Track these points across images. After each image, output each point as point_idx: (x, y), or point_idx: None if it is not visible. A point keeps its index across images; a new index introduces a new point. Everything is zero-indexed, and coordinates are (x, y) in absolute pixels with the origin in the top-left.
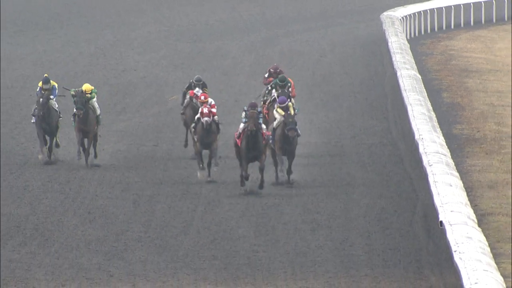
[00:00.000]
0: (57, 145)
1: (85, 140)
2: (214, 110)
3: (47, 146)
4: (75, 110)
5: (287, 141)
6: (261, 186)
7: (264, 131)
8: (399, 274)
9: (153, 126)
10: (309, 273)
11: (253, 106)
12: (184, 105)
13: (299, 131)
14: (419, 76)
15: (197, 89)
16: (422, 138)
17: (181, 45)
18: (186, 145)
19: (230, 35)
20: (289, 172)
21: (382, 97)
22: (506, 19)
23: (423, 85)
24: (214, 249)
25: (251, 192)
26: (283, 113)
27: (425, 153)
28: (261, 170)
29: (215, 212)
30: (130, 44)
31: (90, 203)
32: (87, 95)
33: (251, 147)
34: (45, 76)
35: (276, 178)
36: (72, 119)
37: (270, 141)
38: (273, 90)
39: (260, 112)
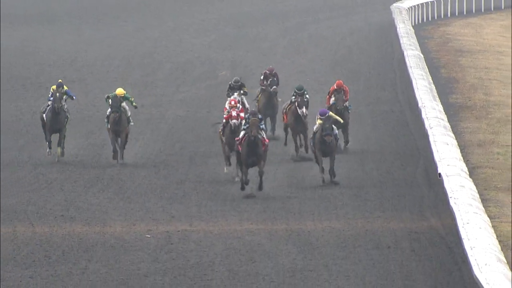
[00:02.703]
0: (62, 146)
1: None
2: (242, 114)
3: (57, 144)
4: (108, 112)
5: (325, 144)
6: (260, 188)
7: (264, 138)
8: (405, 216)
9: (206, 96)
10: (332, 215)
11: (254, 114)
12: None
13: (337, 136)
14: (422, 55)
15: (235, 94)
16: (424, 106)
17: (228, 30)
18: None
19: (267, 22)
20: (332, 173)
21: (391, 73)
22: (492, 9)
23: (425, 63)
24: (255, 195)
25: (250, 196)
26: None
27: (427, 118)
28: (260, 174)
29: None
30: (187, 30)
31: (155, 158)
32: (120, 97)
33: (250, 152)
34: (59, 82)
35: (322, 181)
36: (105, 120)
37: (311, 144)
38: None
39: (261, 120)
